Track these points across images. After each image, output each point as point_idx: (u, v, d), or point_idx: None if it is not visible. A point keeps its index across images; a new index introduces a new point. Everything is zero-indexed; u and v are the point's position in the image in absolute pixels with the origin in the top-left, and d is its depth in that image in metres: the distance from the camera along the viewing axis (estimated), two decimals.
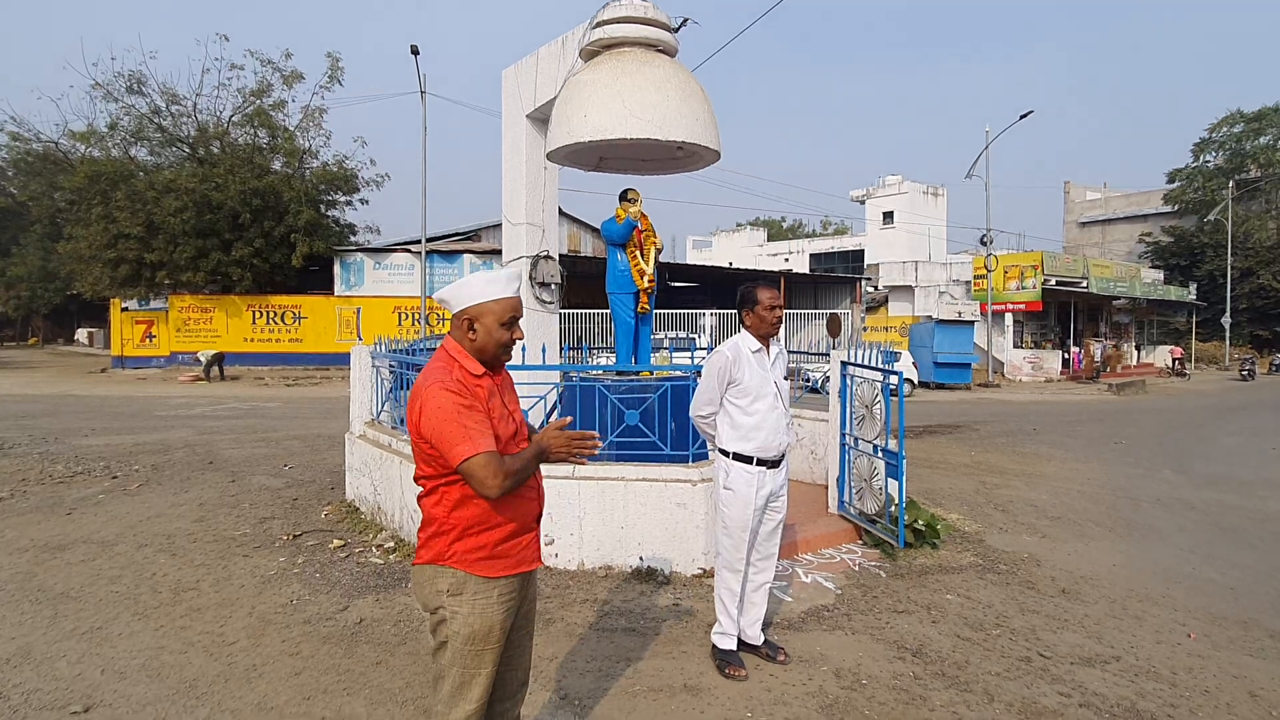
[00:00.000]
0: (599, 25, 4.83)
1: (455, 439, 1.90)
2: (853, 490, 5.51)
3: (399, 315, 23.22)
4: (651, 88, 4.53)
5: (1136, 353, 31.72)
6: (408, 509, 5.00)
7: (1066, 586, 4.63)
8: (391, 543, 5.12)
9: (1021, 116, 24.40)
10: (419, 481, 2.07)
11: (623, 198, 5.64)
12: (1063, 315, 28.17)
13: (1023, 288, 25.68)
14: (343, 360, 19.43)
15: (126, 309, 23.91)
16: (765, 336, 3.40)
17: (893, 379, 4.95)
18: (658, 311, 13.90)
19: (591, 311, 21.35)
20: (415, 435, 2.00)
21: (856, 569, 4.78)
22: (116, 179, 21.80)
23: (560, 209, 7.40)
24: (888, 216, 41.79)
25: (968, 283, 27.11)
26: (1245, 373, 27.11)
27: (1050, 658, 3.58)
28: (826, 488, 5.90)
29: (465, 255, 23.41)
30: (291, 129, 24.39)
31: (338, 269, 23.32)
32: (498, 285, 2.05)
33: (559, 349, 7.07)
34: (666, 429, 4.76)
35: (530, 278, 6.02)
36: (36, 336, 44.62)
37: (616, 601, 4.14)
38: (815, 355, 9.26)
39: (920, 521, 5.27)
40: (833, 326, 17.48)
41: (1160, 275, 34.40)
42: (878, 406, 5.16)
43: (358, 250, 23.96)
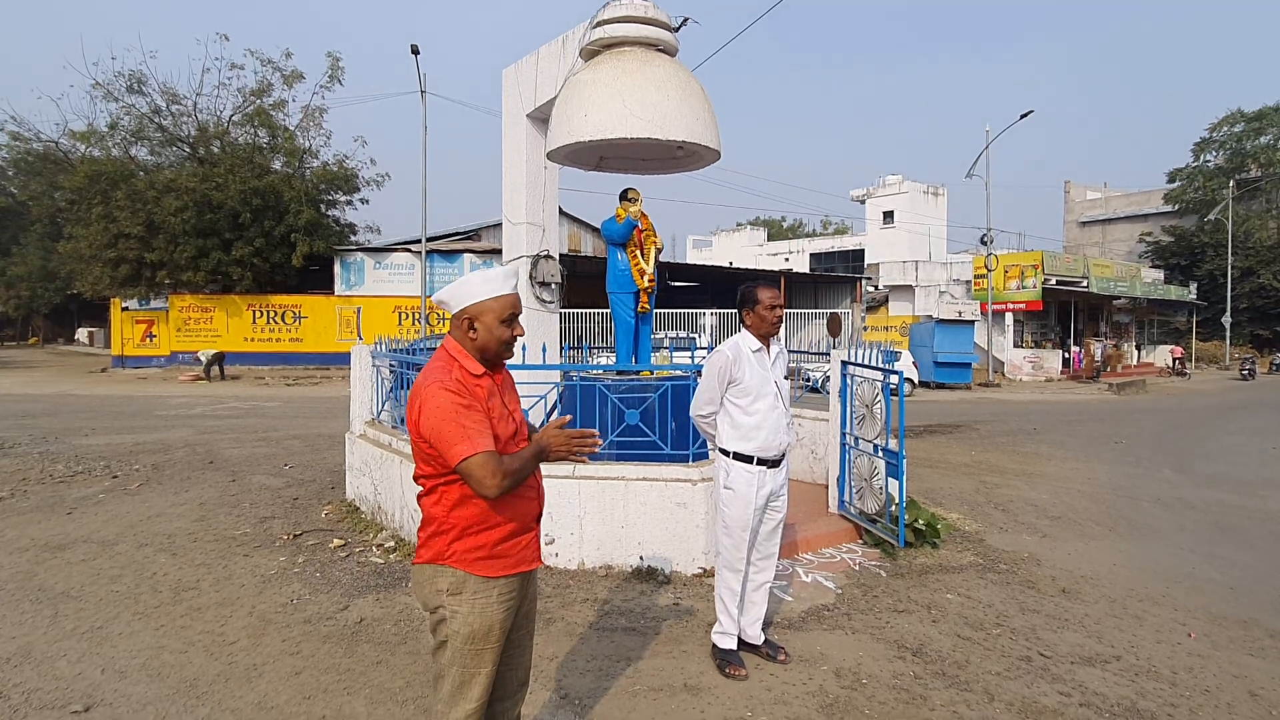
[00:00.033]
0: (599, 25, 4.84)
1: (454, 438, 1.90)
2: (853, 490, 5.51)
3: (399, 315, 23.22)
4: (651, 87, 4.54)
5: (1137, 352, 31.71)
6: (408, 508, 5.00)
7: (1067, 586, 4.63)
8: (392, 542, 5.12)
9: (1022, 116, 24.40)
10: (419, 481, 2.07)
11: (623, 197, 5.64)
12: (1063, 315, 28.16)
13: (1023, 287, 25.69)
14: (343, 360, 19.44)
15: (127, 308, 23.90)
16: (766, 336, 3.40)
17: (893, 378, 4.95)
18: (658, 311, 13.90)
19: (592, 311, 21.35)
20: (414, 434, 2.01)
21: (857, 568, 4.78)
22: (117, 178, 21.79)
23: (560, 208, 7.41)
24: (888, 216, 41.82)
25: (968, 282, 27.11)
26: (1245, 372, 27.14)
27: (1050, 657, 3.58)
28: (827, 487, 5.90)
29: (465, 255, 23.41)
30: (292, 129, 24.40)
31: (338, 268, 23.33)
32: (495, 283, 2.05)
33: (559, 348, 7.07)
34: (667, 428, 4.75)
35: (531, 277, 6.02)
36: (37, 336, 44.63)
37: (617, 601, 4.14)
38: (815, 355, 9.25)
39: (920, 521, 5.27)
40: (833, 326, 17.47)
41: (1160, 275, 34.40)
42: (878, 406, 5.16)
43: (358, 250, 23.95)
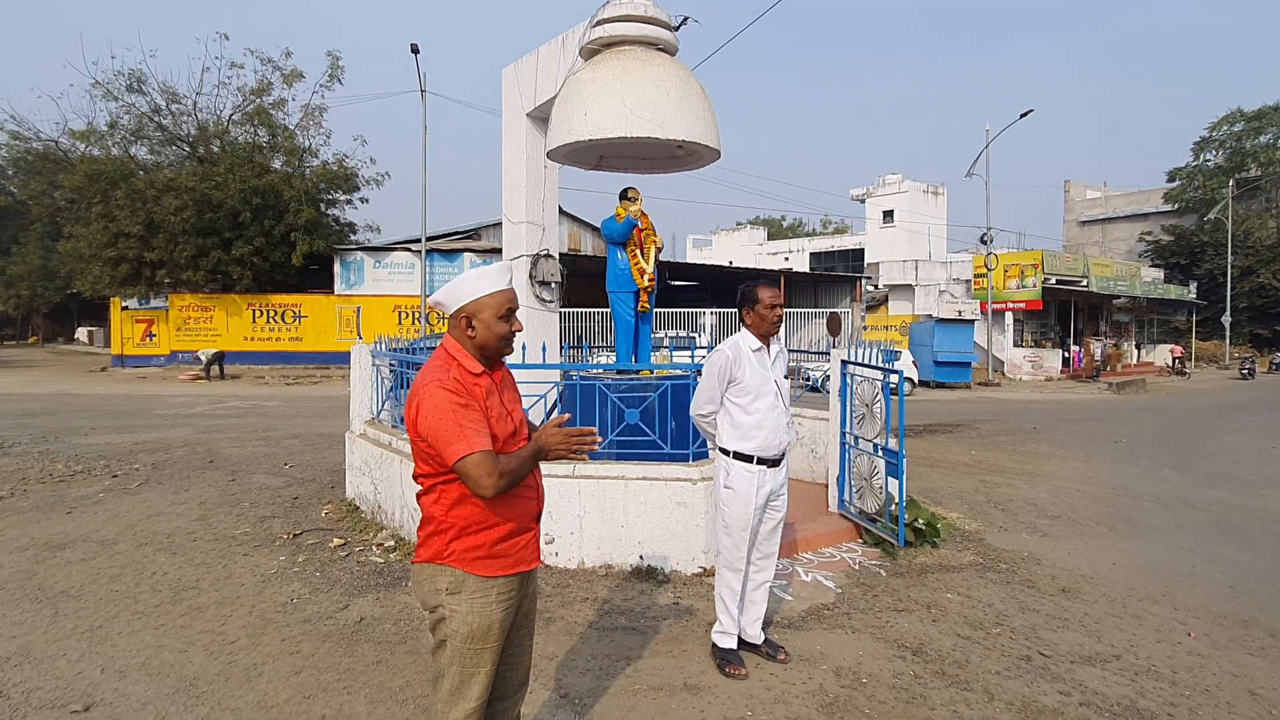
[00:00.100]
0: (599, 24, 4.84)
1: (451, 437, 1.90)
2: (853, 489, 5.51)
3: (399, 314, 23.21)
4: (651, 86, 4.53)
5: (1136, 351, 31.72)
6: (408, 507, 4.99)
7: (1067, 585, 4.63)
8: (392, 541, 5.12)
9: (1022, 115, 24.41)
10: (418, 480, 2.07)
11: (623, 196, 5.64)
12: (1063, 314, 28.17)
13: (1023, 286, 25.69)
14: (343, 359, 19.44)
15: (126, 308, 23.88)
16: (766, 335, 3.40)
17: (893, 378, 4.95)
18: (658, 310, 13.90)
19: (592, 310, 21.34)
20: (413, 433, 2.01)
21: (857, 568, 4.78)
22: (116, 178, 21.78)
23: (560, 208, 7.41)
24: (888, 215, 41.82)
25: (968, 282, 27.10)
26: (1245, 371, 27.16)
27: (1050, 656, 3.58)
28: (827, 486, 5.90)
29: (465, 254, 23.39)
30: (291, 128, 24.37)
31: (338, 268, 23.31)
32: (490, 279, 2.06)
33: (559, 348, 7.07)
34: (667, 428, 4.75)
35: (531, 276, 6.02)
36: (36, 335, 44.60)
37: (617, 600, 4.14)
38: (815, 354, 9.24)
39: (920, 520, 5.27)
40: (833, 325, 17.44)
41: (1160, 274, 34.41)
42: (878, 405, 5.16)
43: (358, 249, 23.93)
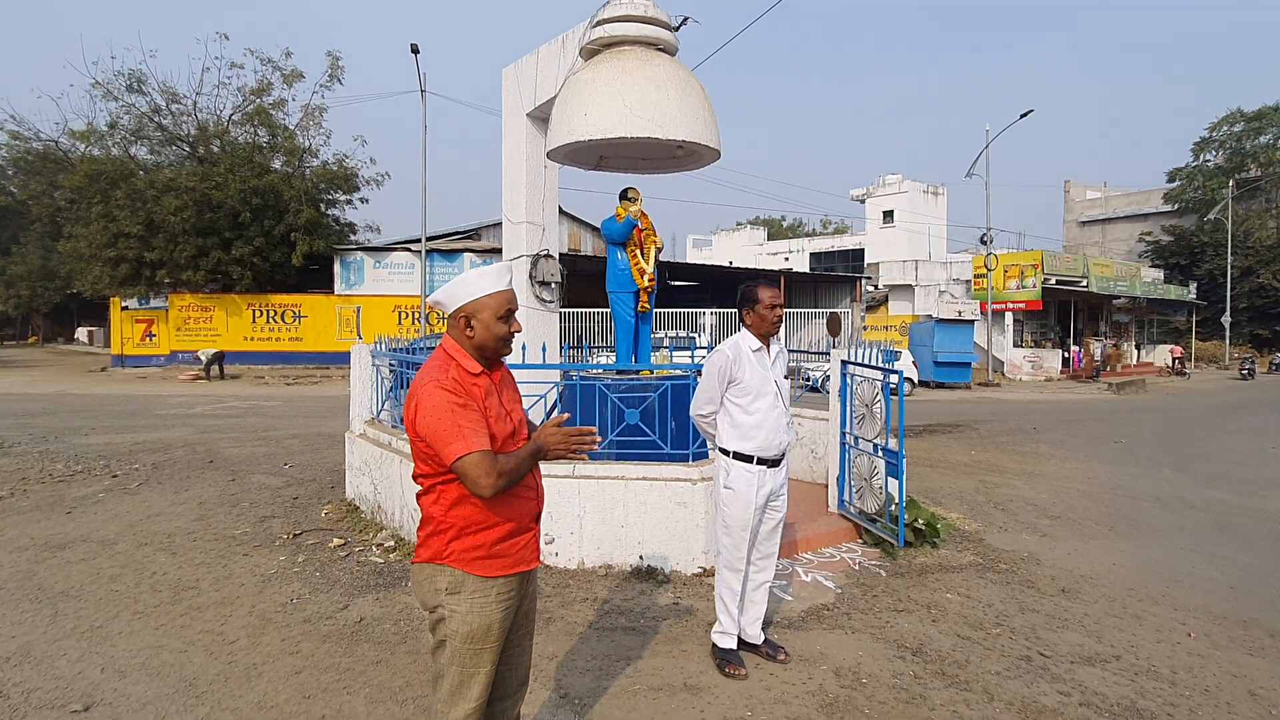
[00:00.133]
0: (599, 24, 4.84)
1: (448, 437, 1.90)
2: (853, 489, 5.51)
3: (399, 314, 23.21)
4: (651, 86, 4.54)
5: (1136, 352, 31.73)
6: (408, 508, 4.99)
7: (1066, 585, 4.63)
8: (392, 541, 5.12)
9: (1022, 115, 24.42)
10: (417, 480, 2.07)
11: (623, 197, 5.64)
12: (1063, 314, 28.17)
13: (1023, 287, 25.69)
14: (343, 359, 19.44)
15: (126, 308, 23.88)
16: (766, 335, 3.40)
17: (893, 378, 4.95)
18: (658, 310, 13.91)
19: (592, 310, 21.33)
20: (411, 433, 2.01)
21: (856, 568, 4.78)
22: (116, 178, 21.78)
23: (560, 208, 7.40)
24: (888, 215, 41.81)
25: (968, 282, 27.11)
26: (1245, 372, 27.16)
27: (1050, 657, 3.58)
28: (826, 487, 5.90)
29: (465, 254, 23.39)
30: (291, 128, 24.38)
31: (338, 268, 23.31)
32: (490, 279, 2.06)
33: (559, 348, 7.07)
34: (667, 428, 4.75)
35: (530, 276, 6.02)
36: (36, 335, 44.60)
37: (616, 600, 4.14)
38: (815, 354, 9.24)
39: (920, 520, 5.27)
40: (833, 325, 17.44)
41: (1160, 274, 34.41)
42: (878, 405, 5.16)
43: (358, 249, 23.93)
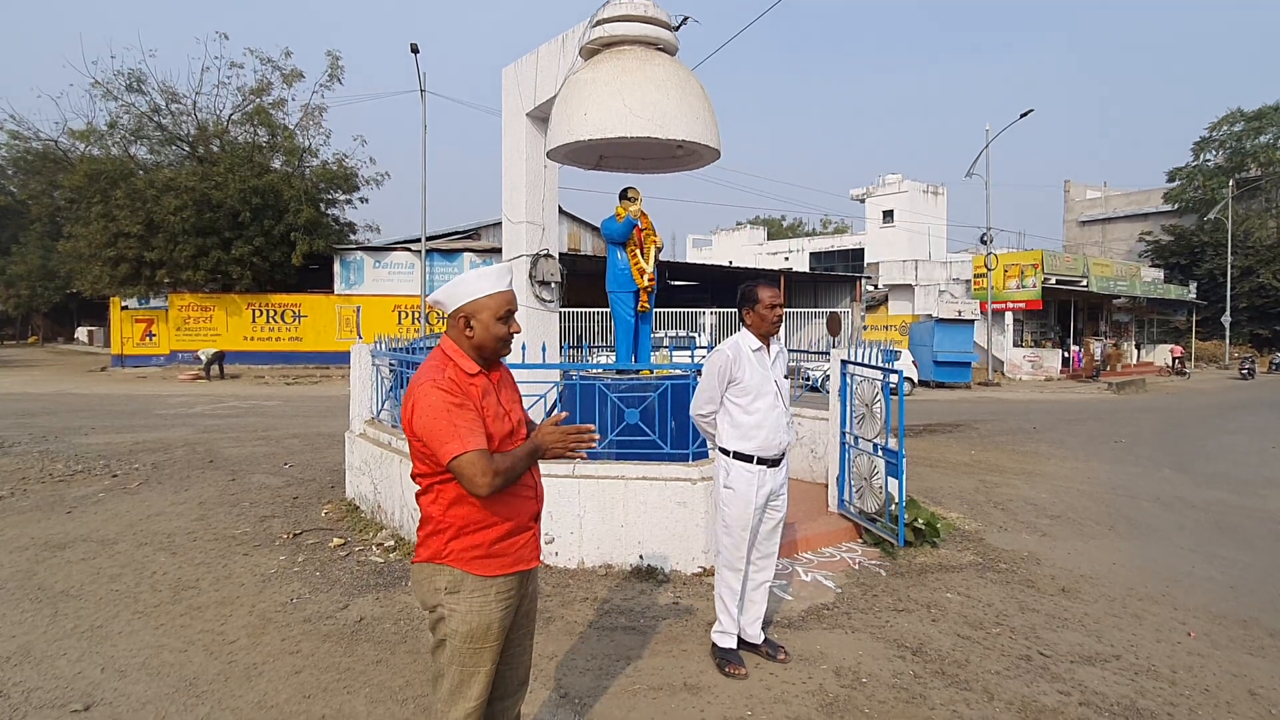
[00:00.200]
0: (599, 23, 4.84)
1: (445, 437, 1.91)
2: (853, 489, 5.51)
3: (399, 314, 23.21)
4: (651, 86, 4.53)
5: (1136, 351, 31.73)
6: (408, 507, 4.99)
7: (1066, 585, 4.63)
8: (392, 541, 5.12)
9: (1022, 115, 24.42)
10: (416, 479, 2.07)
11: (623, 196, 5.64)
12: (1063, 314, 28.17)
13: (1023, 286, 25.69)
14: (343, 359, 19.43)
15: (126, 307, 23.88)
16: (766, 335, 3.40)
17: (893, 378, 4.95)
18: (658, 310, 13.90)
19: (591, 310, 21.33)
20: (409, 433, 2.01)
21: (856, 567, 4.78)
22: (116, 177, 21.78)
23: (560, 207, 7.40)
24: (888, 215, 41.83)
25: (968, 281, 27.10)
26: (1245, 371, 27.17)
27: (1050, 656, 3.58)
28: (826, 486, 5.90)
29: (465, 253, 23.40)
30: (291, 127, 24.38)
31: (337, 267, 23.31)
32: (490, 280, 2.06)
33: (559, 348, 7.07)
34: (666, 428, 4.75)
35: (530, 276, 6.02)
36: (36, 335, 44.60)
37: (616, 600, 4.14)
38: (815, 354, 9.24)
39: (920, 520, 5.27)
40: (833, 325, 17.44)
41: (1160, 274, 34.41)
42: (878, 405, 5.16)
43: (357, 249, 23.94)
